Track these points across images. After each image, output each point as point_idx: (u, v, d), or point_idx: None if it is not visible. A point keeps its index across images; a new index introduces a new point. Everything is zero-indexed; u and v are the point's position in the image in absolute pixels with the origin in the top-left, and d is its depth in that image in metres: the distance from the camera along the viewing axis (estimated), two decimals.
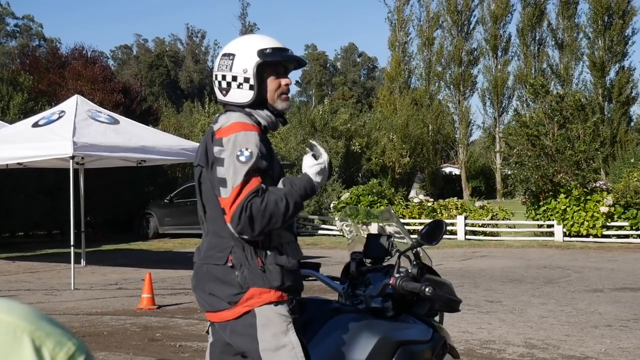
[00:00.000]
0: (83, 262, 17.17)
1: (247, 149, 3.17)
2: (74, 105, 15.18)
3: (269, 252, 3.23)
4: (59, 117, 14.90)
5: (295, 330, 3.19)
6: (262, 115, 3.38)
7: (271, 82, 3.40)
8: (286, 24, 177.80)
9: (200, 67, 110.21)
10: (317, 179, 3.30)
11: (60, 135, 14.07)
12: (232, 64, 3.38)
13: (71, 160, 13.88)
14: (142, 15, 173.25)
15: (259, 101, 3.37)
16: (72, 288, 13.40)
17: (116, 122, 15.44)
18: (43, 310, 10.91)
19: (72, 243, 13.90)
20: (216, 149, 3.22)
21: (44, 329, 1.23)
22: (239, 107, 3.38)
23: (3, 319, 1.21)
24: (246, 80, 3.35)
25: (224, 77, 3.40)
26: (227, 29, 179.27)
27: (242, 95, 3.37)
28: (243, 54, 3.37)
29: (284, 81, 3.44)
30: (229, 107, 3.44)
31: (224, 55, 3.44)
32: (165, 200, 25.67)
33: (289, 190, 3.21)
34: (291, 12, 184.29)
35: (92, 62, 29.00)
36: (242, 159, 3.15)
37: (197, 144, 16.93)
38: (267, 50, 3.37)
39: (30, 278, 15.44)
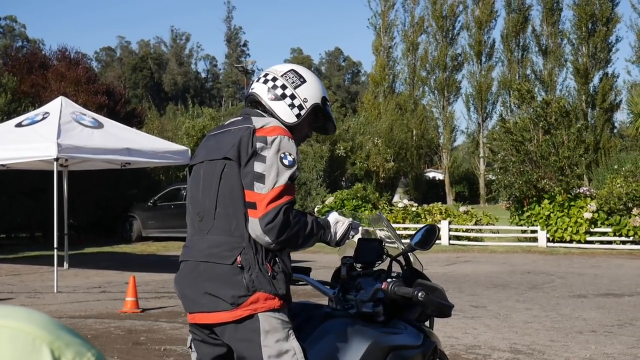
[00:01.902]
0: (66, 265, 17.08)
1: (290, 155, 3.23)
2: (59, 107, 15.09)
3: (277, 260, 3.21)
4: (43, 119, 14.81)
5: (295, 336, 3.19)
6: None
7: (306, 126, 3.55)
8: (272, 28, 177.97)
9: (184, 69, 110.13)
10: (334, 228, 3.42)
11: (45, 136, 13.97)
12: (299, 85, 3.46)
13: (55, 162, 13.79)
14: (126, 18, 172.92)
15: (290, 129, 3.39)
16: (55, 291, 13.32)
17: (100, 125, 15.35)
18: None
19: (55, 245, 13.81)
20: (259, 144, 3.20)
21: (64, 339, 1.20)
22: (263, 114, 3.41)
23: (22, 329, 1.18)
24: (300, 107, 3.44)
25: (284, 86, 3.45)
26: (212, 32, 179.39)
27: (287, 114, 3.43)
28: (312, 88, 3.50)
29: (311, 132, 3.66)
30: (250, 110, 3.47)
31: (295, 72, 3.53)
32: (149, 204, 25.59)
33: (314, 222, 3.30)
34: (277, 16, 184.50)
35: (76, 64, 28.85)
36: (286, 162, 3.19)
37: (182, 147, 16.99)
38: (328, 103, 3.56)
39: (13, 280, 15.33)
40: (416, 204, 26.85)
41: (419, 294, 3.31)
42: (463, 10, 64.08)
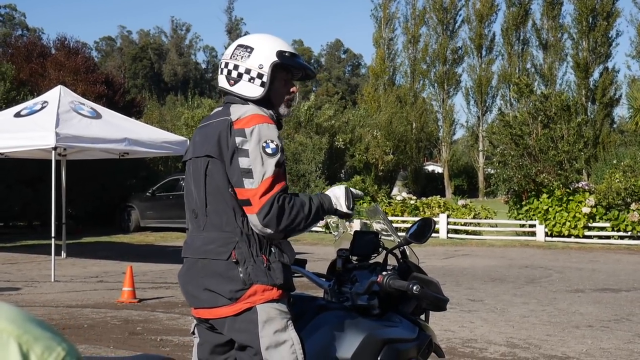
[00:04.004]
0: (64, 254, 17.07)
1: (272, 142, 3.17)
2: (57, 96, 15.05)
3: (273, 250, 3.21)
4: (42, 108, 14.77)
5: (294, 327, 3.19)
6: (268, 113, 3.35)
7: (281, 86, 3.42)
8: (273, 19, 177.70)
9: (184, 60, 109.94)
10: (334, 199, 3.34)
11: (43, 126, 13.94)
12: (248, 56, 3.36)
13: (53, 152, 13.77)
14: (127, 7, 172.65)
15: (265, 100, 3.35)
16: (53, 280, 13.31)
17: (99, 115, 15.30)
18: (23, 302, 10.84)
19: (52, 235, 13.80)
20: (238, 139, 3.16)
21: (32, 333, 1.17)
22: (243, 101, 3.35)
23: None
24: (260, 76, 3.34)
25: (236, 67, 3.37)
26: (212, 22, 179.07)
27: (252, 89, 3.35)
28: (262, 50, 3.37)
29: (292, 88, 3.48)
30: (231, 97, 3.40)
31: (241, 46, 3.42)
32: (147, 194, 25.56)
33: (310, 199, 3.24)
34: (279, 7, 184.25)
35: (75, 53, 28.77)
36: (269, 151, 3.15)
37: (181, 137, 16.97)
38: (286, 53, 3.41)
39: (10, 269, 15.33)
40: (415, 197, 26.82)
41: (414, 288, 3.30)
42: (464, 4, 64.08)
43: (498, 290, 12.79)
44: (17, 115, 14.96)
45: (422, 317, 3.89)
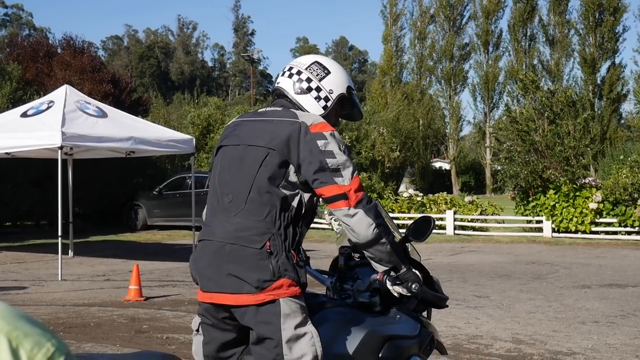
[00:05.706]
0: (71, 253, 17.13)
1: (345, 145, 3.35)
2: (63, 96, 15.08)
3: (301, 249, 3.30)
4: (48, 107, 14.80)
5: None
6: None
7: (333, 116, 3.56)
8: (279, 17, 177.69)
9: (191, 58, 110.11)
10: (408, 276, 3.39)
11: (49, 125, 13.98)
12: (324, 77, 3.51)
13: (60, 151, 13.80)
14: (134, 6, 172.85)
15: None
16: (60, 279, 13.35)
17: (104, 115, 15.33)
18: (30, 301, 10.89)
19: (60, 234, 13.81)
20: (321, 142, 3.25)
21: (22, 329, 1.18)
22: (298, 109, 3.44)
23: None
24: (326, 99, 3.49)
25: (309, 79, 3.49)
26: (219, 20, 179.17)
27: (313, 106, 3.48)
28: (337, 78, 3.55)
29: (339, 122, 3.68)
30: (284, 102, 3.49)
31: (319, 64, 3.57)
32: (154, 192, 25.59)
33: (391, 236, 3.36)
34: (284, 5, 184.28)
35: (81, 52, 28.80)
36: (347, 153, 3.32)
37: (188, 136, 17.02)
38: (354, 91, 3.62)
39: (18, 268, 15.38)
40: (421, 194, 26.79)
41: (413, 286, 3.32)
42: (471, 0, 64.00)
43: (504, 287, 12.79)
44: (24, 115, 15.00)
45: (424, 313, 3.90)
